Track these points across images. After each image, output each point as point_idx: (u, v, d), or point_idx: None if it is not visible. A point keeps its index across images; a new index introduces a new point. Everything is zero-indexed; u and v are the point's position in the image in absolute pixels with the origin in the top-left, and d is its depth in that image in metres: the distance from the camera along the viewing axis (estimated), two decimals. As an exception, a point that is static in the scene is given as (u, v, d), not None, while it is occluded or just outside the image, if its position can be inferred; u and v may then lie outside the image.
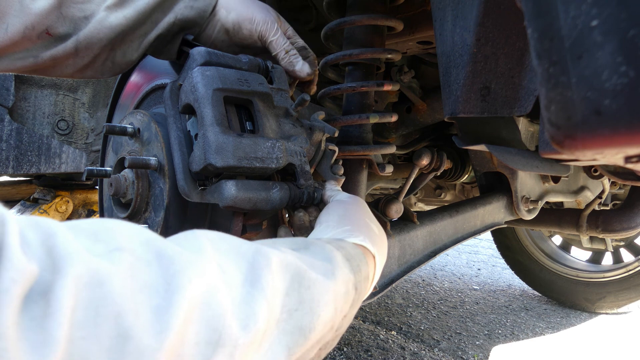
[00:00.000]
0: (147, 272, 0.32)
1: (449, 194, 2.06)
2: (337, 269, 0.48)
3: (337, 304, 0.46)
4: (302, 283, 0.43)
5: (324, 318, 0.44)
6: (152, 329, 0.29)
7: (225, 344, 0.34)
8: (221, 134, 0.62)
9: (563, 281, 2.48)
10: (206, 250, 0.37)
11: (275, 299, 0.39)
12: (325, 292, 0.44)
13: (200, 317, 0.33)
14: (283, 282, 0.41)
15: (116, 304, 0.28)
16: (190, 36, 0.77)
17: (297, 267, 0.43)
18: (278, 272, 0.41)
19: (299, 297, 0.42)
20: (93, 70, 0.76)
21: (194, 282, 0.33)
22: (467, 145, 0.81)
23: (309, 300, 0.42)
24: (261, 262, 0.40)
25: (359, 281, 0.51)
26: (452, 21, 0.69)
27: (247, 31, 0.79)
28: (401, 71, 1.25)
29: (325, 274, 0.46)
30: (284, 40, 0.79)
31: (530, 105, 0.64)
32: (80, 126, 1.99)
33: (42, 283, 0.26)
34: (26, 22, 0.66)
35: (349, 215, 0.63)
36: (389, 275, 0.95)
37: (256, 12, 0.79)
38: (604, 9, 0.33)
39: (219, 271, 0.37)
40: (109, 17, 0.70)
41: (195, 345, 0.32)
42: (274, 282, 0.40)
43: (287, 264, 0.43)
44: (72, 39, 0.70)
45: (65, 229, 0.30)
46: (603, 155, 0.37)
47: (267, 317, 0.38)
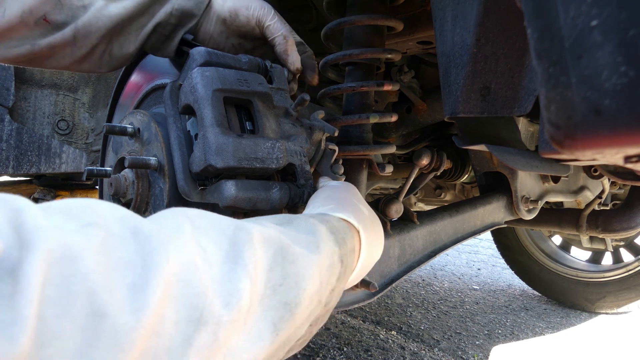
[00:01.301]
0: (122, 249, 0.30)
1: (449, 194, 2.06)
2: (321, 241, 0.47)
3: (322, 277, 0.45)
4: (285, 257, 0.42)
5: (309, 292, 0.43)
6: (128, 307, 0.28)
7: (207, 322, 0.33)
8: (221, 135, 0.62)
9: (563, 281, 2.48)
10: (185, 228, 0.36)
11: (258, 275, 0.38)
12: (310, 266, 0.44)
13: (179, 295, 0.32)
14: (266, 257, 0.40)
15: (89, 281, 0.27)
16: (190, 36, 0.77)
17: (279, 242, 0.42)
18: (260, 247, 0.40)
19: (282, 272, 0.41)
20: (90, 63, 0.76)
21: (172, 259, 0.32)
22: (467, 145, 0.81)
23: (293, 275, 0.42)
24: (242, 238, 0.39)
25: (344, 254, 0.50)
26: (452, 21, 0.69)
27: (244, 17, 0.78)
28: (401, 71, 1.25)
29: (309, 247, 0.45)
30: (281, 25, 0.79)
31: (530, 105, 0.64)
32: (80, 126, 1.99)
33: (9, 260, 0.24)
34: (24, 6, 0.66)
35: (334, 195, 0.62)
36: (388, 275, 0.95)
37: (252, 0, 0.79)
38: (604, 9, 0.33)
39: (198, 249, 0.36)
40: (108, 7, 0.71)
41: (175, 323, 0.31)
42: (256, 257, 0.39)
43: (269, 238, 0.42)
44: (70, 26, 0.70)
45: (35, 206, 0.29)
46: (603, 155, 0.37)
47: (250, 293, 0.37)
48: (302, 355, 1.63)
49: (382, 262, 0.93)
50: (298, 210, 0.73)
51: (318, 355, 1.63)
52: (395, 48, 1.12)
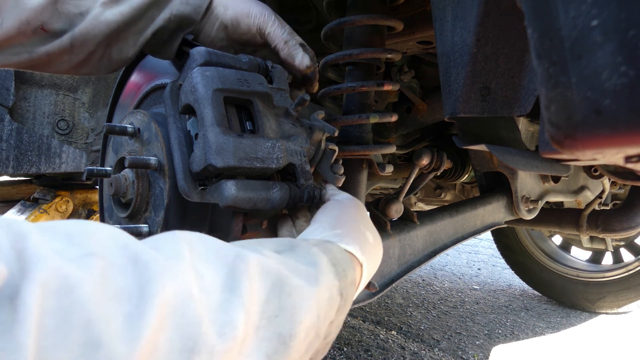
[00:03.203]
0: (120, 278, 0.31)
1: (449, 194, 2.06)
2: (321, 274, 0.47)
3: (320, 311, 0.45)
4: (282, 289, 0.42)
5: (305, 325, 0.43)
6: (123, 337, 0.29)
7: (200, 352, 0.33)
8: (221, 135, 0.62)
9: (563, 281, 2.48)
10: (183, 254, 0.37)
11: (254, 306, 0.39)
12: (307, 299, 0.43)
13: (173, 324, 0.32)
14: (263, 289, 0.40)
15: (86, 311, 0.28)
16: (190, 36, 0.77)
17: (278, 273, 0.42)
18: (258, 278, 0.40)
19: (279, 304, 0.41)
20: (89, 67, 0.76)
21: (168, 288, 0.33)
22: (467, 145, 0.81)
23: (289, 307, 0.42)
24: (241, 268, 0.39)
25: (344, 287, 0.50)
26: (452, 21, 0.69)
27: (246, 26, 0.78)
28: (401, 71, 1.25)
29: (308, 280, 0.45)
30: (282, 31, 0.79)
31: (530, 105, 0.64)
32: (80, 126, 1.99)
33: (10, 286, 0.25)
34: (21, 17, 0.66)
35: (343, 218, 0.62)
36: (389, 275, 0.95)
37: (253, 6, 0.79)
38: (604, 9, 0.33)
39: (195, 276, 0.36)
40: (105, 13, 0.70)
41: (169, 353, 0.31)
42: (252, 288, 0.39)
43: (268, 269, 0.42)
44: (67, 34, 0.70)
45: (37, 231, 0.29)
46: (603, 155, 0.37)
47: (245, 324, 0.37)
48: (302, 355, 1.62)
49: (382, 262, 0.93)
50: (298, 210, 0.73)
51: (318, 355, 1.63)
52: (395, 48, 1.12)
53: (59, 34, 0.70)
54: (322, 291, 0.45)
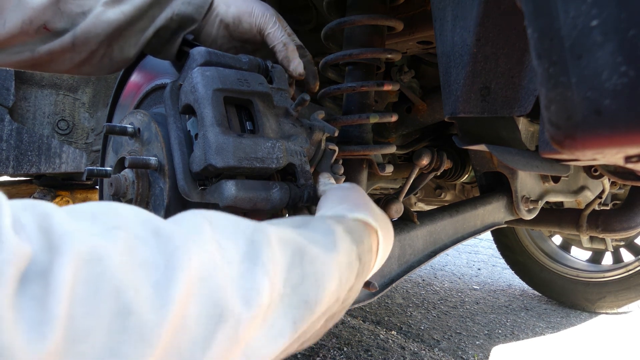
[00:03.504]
0: (145, 249, 0.31)
1: (449, 194, 2.06)
2: (339, 240, 0.48)
3: (341, 275, 0.46)
4: (303, 257, 0.43)
5: (329, 290, 0.44)
6: (153, 304, 0.29)
7: (227, 319, 0.34)
8: (221, 135, 0.62)
9: (563, 281, 2.48)
10: (204, 228, 0.37)
11: (277, 274, 0.39)
12: (329, 265, 0.44)
13: (200, 293, 0.33)
14: (284, 257, 0.41)
15: (116, 280, 0.28)
16: (190, 36, 0.77)
17: (297, 242, 0.43)
18: (278, 248, 0.41)
19: (301, 272, 0.42)
20: (90, 67, 0.76)
21: (193, 258, 0.33)
22: (467, 145, 0.81)
23: (312, 274, 0.42)
24: (261, 239, 0.40)
25: (362, 252, 0.51)
26: (452, 21, 0.69)
27: (247, 24, 0.79)
28: (401, 71, 1.25)
29: (327, 247, 0.46)
30: (281, 33, 0.79)
31: (530, 105, 0.64)
32: (80, 126, 1.99)
33: (40, 263, 0.26)
34: (24, 16, 0.67)
35: (347, 196, 0.63)
36: (389, 275, 0.95)
37: (255, 6, 0.79)
38: (604, 9, 0.33)
39: (217, 248, 0.37)
40: (107, 12, 0.71)
41: (197, 320, 0.32)
42: (274, 257, 0.40)
43: (286, 239, 0.43)
44: (69, 33, 0.70)
45: (61, 211, 0.30)
46: (603, 155, 0.37)
47: (270, 291, 0.38)
48: (302, 355, 1.63)
49: (382, 262, 0.93)
50: (298, 210, 0.73)
51: (318, 355, 1.63)
52: (395, 48, 1.12)
53: (61, 33, 0.70)
54: (341, 257, 0.46)
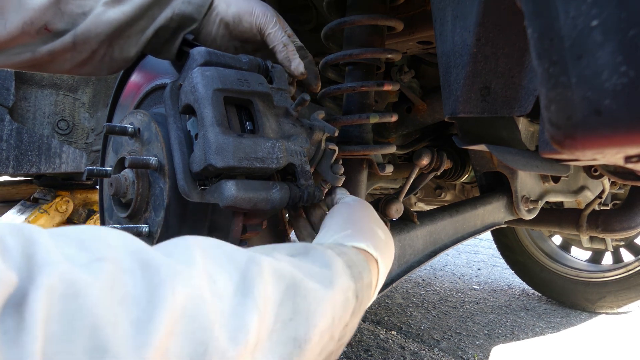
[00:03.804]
0: (130, 283, 0.30)
1: (449, 194, 2.06)
2: (336, 276, 0.46)
3: (335, 313, 0.44)
4: (297, 292, 0.41)
5: (320, 328, 0.42)
6: (131, 343, 0.28)
7: (211, 357, 0.32)
8: (221, 135, 0.62)
9: (563, 281, 2.48)
10: (196, 259, 0.36)
11: (268, 309, 0.38)
12: (322, 302, 0.43)
13: (184, 330, 0.31)
14: (277, 292, 0.40)
15: (93, 316, 0.27)
16: (190, 36, 0.77)
17: (292, 276, 0.42)
18: (272, 281, 0.40)
19: (293, 307, 0.40)
20: (91, 67, 0.76)
21: (178, 292, 0.32)
22: (467, 145, 0.81)
23: (304, 310, 0.41)
24: (254, 271, 0.39)
25: (360, 289, 0.49)
26: (452, 21, 0.69)
27: (247, 24, 0.79)
28: (401, 71, 1.25)
29: (323, 282, 0.44)
30: (282, 34, 0.79)
31: (530, 105, 0.64)
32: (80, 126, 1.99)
33: (17, 293, 0.25)
34: (25, 17, 0.67)
35: (353, 218, 0.62)
36: (389, 275, 0.95)
37: (255, 5, 0.79)
38: (604, 9, 0.33)
39: (208, 281, 0.35)
40: (107, 12, 0.71)
41: (180, 357, 0.31)
42: (266, 291, 0.38)
43: (281, 272, 0.41)
44: (70, 33, 0.70)
45: (48, 236, 0.29)
46: (603, 155, 0.37)
47: (259, 328, 0.36)
48: (302, 355, 1.63)
49: (382, 262, 0.93)
50: (298, 210, 0.73)
51: (318, 355, 1.63)
52: (395, 48, 1.12)
53: (62, 33, 0.70)
54: (337, 294, 0.45)
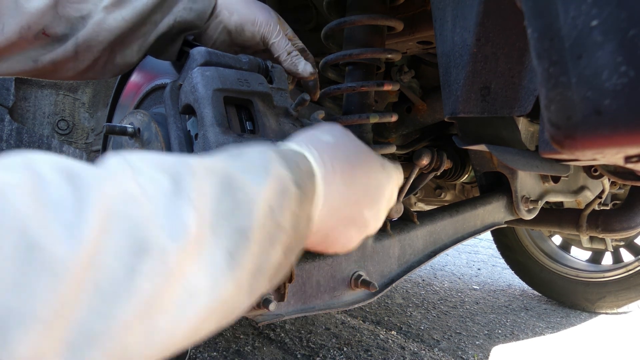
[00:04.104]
0: (55, 189, 0.29)
1: (449, 194, 2.06)
2: (270, 167, 0.46)
3: (272, 202, 0.44)
4: (232, 185, 0.41)
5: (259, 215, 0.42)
6: (62, 240, 0.28)
7: (152, 252, 0.32)
8: (221, 135, 0.62)
9: (563, 281, 2.48)
10: (124, 167, 0.36)
11: (206, 205, 0.38)
12: (260, 192, 0.43)
13: (119, 228, 0.31)
14: (212, 188, 0.40)
15: (20, 215, 0.27)
16: (190, 36, 0.77)
17: (225, 171, 0.42)
18: (205, 179, 0.39)
19: (232, 200, 0.40)
20: (94, 72, 0.77)
21: (109, 195, 0.31)
22: (467, 145, 0.82)
23: (244, 202, 0.41)
24: (183, 172, 0.38)
25: (300, 177, 0.48)
26: (452, 21, 0.69)
27: (250, 33, 0.79)
28: (401, 71, 1.25)
29: (257, 174, 0.44)
30: (285, 42, 0.80)
31: (530, 105, 0.64)
32: (80, 126, 1.99)
33: None
34: (22, 21, 0.66)
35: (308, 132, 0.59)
36: (389, 275, 0.95)
37: (258, 14, 0.79)
38: (604, 9, 0.33)
39: (138, 186, 0.35)
40: (108, 19, 0.70)
41: (116, 255, 0.31)
42: (200, 188, 0.38)
43: (213, 169, 0.41)
44: (71, 41, 0.70)
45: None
46: (603, 155, 0.37)
47: (198, 223, 0.36)
48: (302, 355, 1.63)
49: (382, 262, 0.93)
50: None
51: (318, 355, 1.63)
52: (395, 48, 1.12)
53: (61, 38, 0.70)
54: (272, 182, 0.45)
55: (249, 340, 1.72)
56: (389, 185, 0.60)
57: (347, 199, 0.54)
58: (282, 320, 1.97)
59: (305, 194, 0.49)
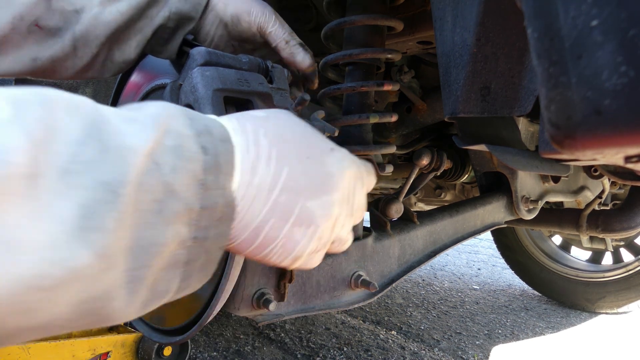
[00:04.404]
0: None
1: (449, 194, 2.06)
2: (161, 118, 0.38)
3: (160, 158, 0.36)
4: (103, 130, 0.34)
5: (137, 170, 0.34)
6: None
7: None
8: (221, 134, 0.62)
9: (563, 281, 2.48)
10: None
11: (56, 144, 0.31)
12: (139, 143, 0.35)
13: None
14: (73, 127, 0.32)
15: None
16: (190, 36, 0.77)
17: (96, 114, 0.35)
18: (64, 114, 0.32)
19: (100, 146, 0.33)
20: (93, 71, 0.77)
21: None
22: (467, 145, 0.82)
23: (115, 151, 0.33)
24: (35, 100, 0.31)
25: (208, 141, 0.40)
26: (452, 21, 0.69)
27: (246, 23, 0.79)
28: (401, 71, 1.25)
29: (143, 124, 0.37)
30: (282, 30, 0.79)
31: (530, 105, 0.64)
32: (80, 126, 1.99)
33: None
34: (14, 12, 0.66)
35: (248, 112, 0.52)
36: (389, 275, 0.95)
37: (253, 4, 0.79)
38: (604, 9, 0.33)
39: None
40: (104, 12, 0.71)
41: None
42: (49, 120, 0.31)
43: (81, 108, 0.34)
44: (68, 35, 0.70)
45: None
46: (603, 155, 0.37)
47: (31, 156, 0.29)
48: (302, 355, 1.63)
49: (382, 262, 0.93)
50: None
51: (318, 355, 1.63)
52: (395, 48, 1.12)
53: (55, 32, 0.70)
54: (162, 136, 0.37)
55: (249, 340, 1.72)
56: (342, 175, 0.49)
57: (280, 182, 0.43)
58: (282, 320, 1.97)
59: (217, 161, 0.40)
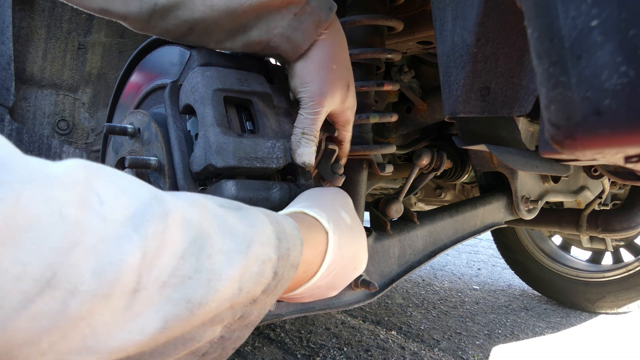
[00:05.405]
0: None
1: (449, 194, 2.06)
2: (256, 243, 0.40)
3: (243, 284, 0.38)
4: (203, 248, 0.35)
5: (221, 295, 0.36)
6: None
7: (57, 286, 0.26)
8: (222, 135, 0.62)
9: (563, 281, 2.48)
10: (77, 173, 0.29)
11: (165, 258, 0.32)
12: (230, 266, 0.37)
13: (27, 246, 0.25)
14: (181, 242, 0.33)
15: None
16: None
17: (202, 229, 0.36)
18: (176, 228, 0.33)
19: (196, 265, 0.34)
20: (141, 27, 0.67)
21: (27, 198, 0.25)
22: (467, 145, 0.82)
23: (207, 271, 0.35)
24: (155, 210, 0.32)
25: (281, 266, 0.42)
26: (452, 21, 0.69)
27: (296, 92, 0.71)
28: (401, 71, 1.25)
29: (239, 245, 0.38)
30: (310, 122, 0.70)
31: (530, 105, 0.64)
32: (80, 126, 1.99)
33: None
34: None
35: (317, 196, 0.57)
36: (389, 275, 0.95)
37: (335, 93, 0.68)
38: (604, 9, 0.33)
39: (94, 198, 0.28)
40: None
41: (16, 279, 0.24)
42: (166, 235, 0.32)
43: (190, 221, 0.35)
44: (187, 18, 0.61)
45: None
46: (603, 155, 0.37)
47: (140, 273, 0.30)
48: (302, 355, 1.63)
49: (382, 262, 0.93)
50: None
51: (318, 355, 1.63)
52: (395, 48, 1.13)
53: None
54: (251, 262, 0.39)
55: (249, 340, 1.72)
56: None
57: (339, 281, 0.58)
58: (282, 320, 1.97)
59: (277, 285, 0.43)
